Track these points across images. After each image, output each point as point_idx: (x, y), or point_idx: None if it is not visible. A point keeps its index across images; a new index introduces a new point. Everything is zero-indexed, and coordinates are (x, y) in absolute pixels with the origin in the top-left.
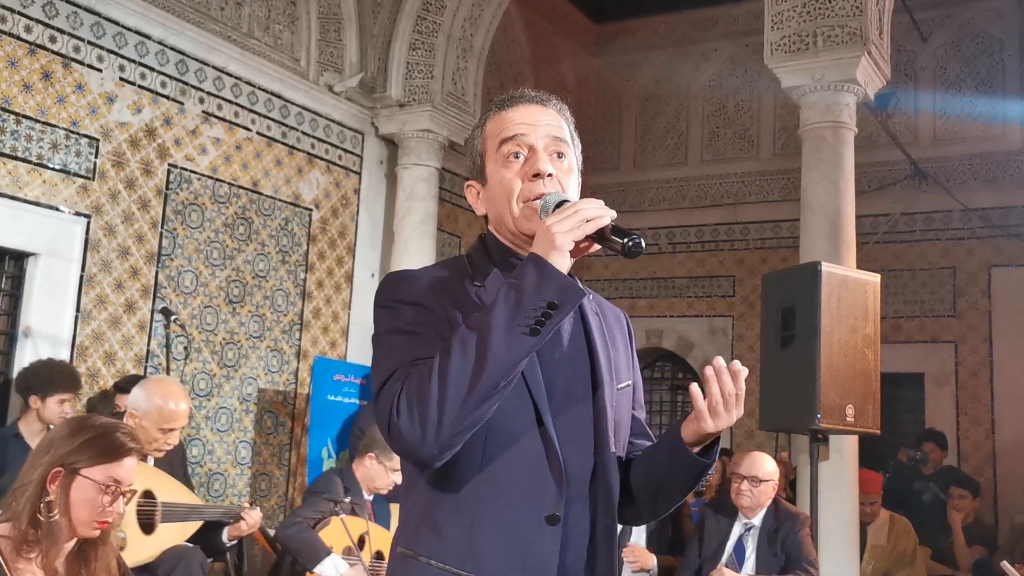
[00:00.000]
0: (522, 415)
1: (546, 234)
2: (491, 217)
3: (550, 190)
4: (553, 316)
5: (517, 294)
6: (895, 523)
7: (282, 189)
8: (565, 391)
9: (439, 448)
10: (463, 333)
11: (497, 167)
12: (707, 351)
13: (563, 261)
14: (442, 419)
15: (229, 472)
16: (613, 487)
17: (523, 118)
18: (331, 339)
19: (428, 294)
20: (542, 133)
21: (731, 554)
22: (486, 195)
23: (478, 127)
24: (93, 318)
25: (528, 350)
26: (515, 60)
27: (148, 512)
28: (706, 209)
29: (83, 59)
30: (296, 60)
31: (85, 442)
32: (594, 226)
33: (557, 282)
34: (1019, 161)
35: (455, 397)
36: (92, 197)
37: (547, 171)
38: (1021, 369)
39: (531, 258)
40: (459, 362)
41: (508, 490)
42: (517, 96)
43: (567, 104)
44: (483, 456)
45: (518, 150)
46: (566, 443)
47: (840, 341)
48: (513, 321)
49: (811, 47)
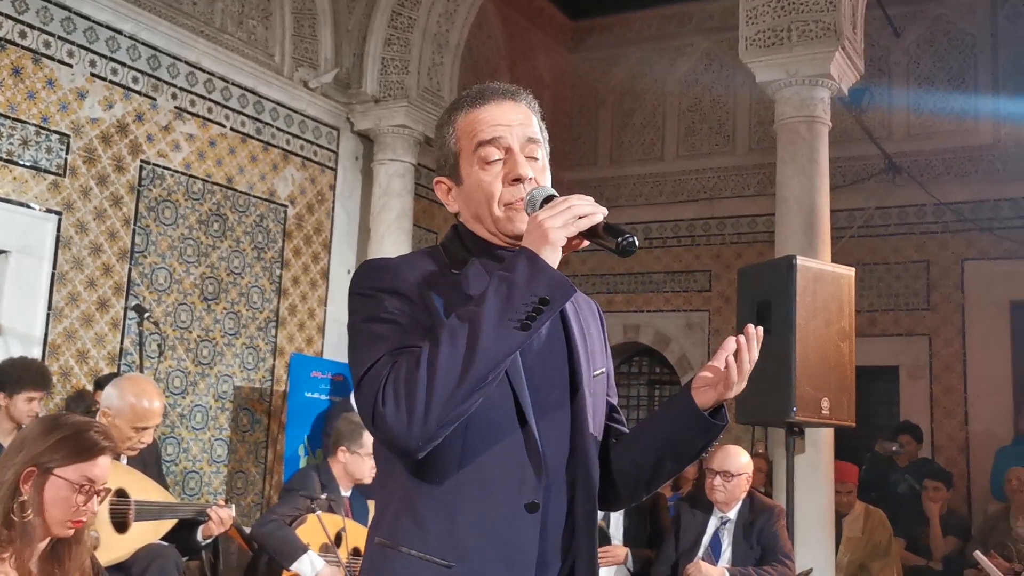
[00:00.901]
0: (502, 403)
1: (538, 228)
2: (466, 215)
3: (535, 187)
4: (544, 311)
5: (508, 288)
6: (870, 515)
7: (257, 185)
8: (544, 379)
9: (424, 439)
10: (453, 324)
11: (474, 169)
12: (684, 346)
13: (555, 256)
14: (429, 410)
15: (205, 470)
16: (592, 472)
17: (498, 118)
18: (307, 336)
19: (406, 282)
20: (517, 134)
21: (707, 548)
22: (460, 194)
23: (447, 124)
24: (65, 316)
25: (518, 344)
26: (491, 56)
27: (121, 511)
28: (682, 204)
29: (53, 55)
30: (270, 55)
31: (58, 441)
32: (587, 223)
33: (549, 277)
34: (991, 156)
35: (443, 389)
36: (63, 194)
37: (527, 176)
38: (993, 361)
39: (523, 252)
40: (448, 353)
41: (488, 478)
42: (487, 92)
43: (543, 100)
44: (463, 445)
45: (495, 153)
46: (545, 431)
47: (815, 334)
48: (504, 315)
49: (785, 42)
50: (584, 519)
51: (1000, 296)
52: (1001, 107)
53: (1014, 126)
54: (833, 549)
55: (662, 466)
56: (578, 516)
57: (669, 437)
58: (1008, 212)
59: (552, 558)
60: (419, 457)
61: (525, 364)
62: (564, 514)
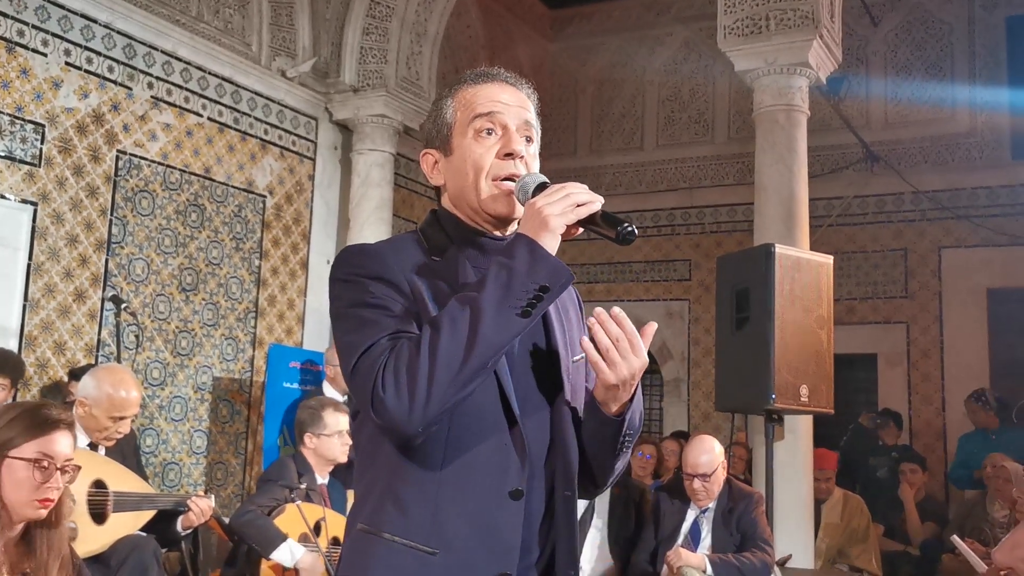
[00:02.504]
0: (486, 390)
1: (537, 215)
2: (450, 189)
3: (521, 171)
4: (544, 298)
5: (509, 275)
6: (848, 501)
7: (235, 175)
8: (523, 365)
9: (424, 425)
10: (453, 310)
11: (467, 140)
12: (664, 335)
13: (554, 244)
14: (431, 396)
15: (184, 462)
16: (572, 459)
17: (498, 96)
18: (287, 326)
19: (390, 268)
20: (515, 115)
21: (687, 536)
22: (448, 166)
23: (447, 96)
24: (42, 307)
25: (518, 331)
26: (470, 45)
27: (99, 502)
28: (662, 193)
29: (27, 43)
30: (247, 45)
31: (11, 421)
32: (586, 211)
33: (549, 265)
34: (968, 144)
35: (445, 375)
36: (39, 184)
37: (520, 152)
38: (970, 348)
39: (522, 239)
40: (449, 340)
41: (472, 465)
42: (492, 73)
43: None
44: (448, 431)
45: (491, 127)
46: (526, 417)
47: (794, 322)
48: (504, 302)
49: (764, 31)
50: (563, 505)
51: (977, 284)
52: (977, 95)
53: (990, 114)
54: (812, 535)
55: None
56: (557, 503)
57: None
58: (985, 200)
59: (533, 544)
60: (416, 443)
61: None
62: (544, 501)
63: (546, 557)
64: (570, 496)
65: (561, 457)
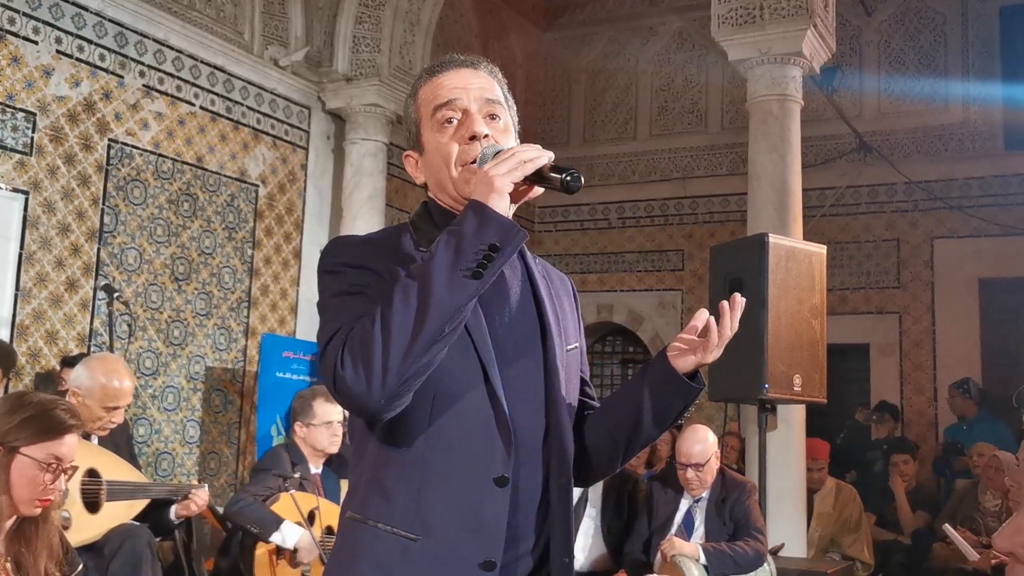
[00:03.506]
0: (469, 375)
1: (484, 179)
2: (431, 184)
3: (485, 146)
4: (495, 259)
5: (457, 239)
6: (841, 491)
7: (227, 165)
8: (514, 352)
9: (386, 398)
10: (404, 283)
11: (432, 133)
12: (657, 325)
13: (503, 204)
14: (387, 367)
15: (177, 451)
16: (567, 446)
17: (455, 82)
18: (280, 316)
19: (374, 257)
20: (474, 96)
21: (680, 525)
22: (424, 163)
23: (411, 96)
24: (33, 297)
25: (472, 294)
26: (463, 34)
27: (93, 491)
28: (655, 183)
29: (18, 31)
30: (240, 33)
31: (24, 420)
32: (532, 167)
33: (498, 223)
34: (960, 135)
35: (399, 344)
36: (30, 173)
37: (482, 132)
38: (963, 338)
39: (470, 204)
40: (402, 309)
41: (455, 452)
42: (447, 61)
43: (516, 80)
44: (430, 417)
45: (452, 115)
46: (516, 404)
47: (787, 312)
48: (455, 265)
49: (757, 20)
50: (558, 494)
51: (969, 274)
52: (971, 86)
53: (983, 105)
54: (805, 525)
55: (639, 433)
56: (552, 491)
57: (647, 402)
58: (977, 191)
59: (524, 533)
60: (385, 418)
61: (494, 337)
62: (539, 490)
63: (542, 545)
64: (565, 485)
65: (556, 446)
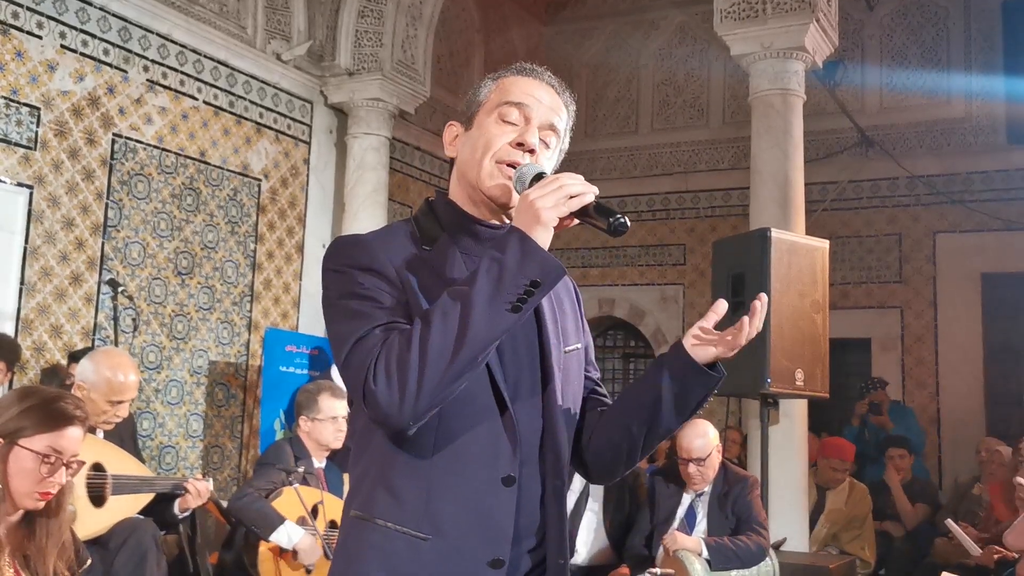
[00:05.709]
0: (477, 377)
1: (529, 208)
2: (459, 161)
3: (527, 163)
4: (535, 293)
5: (500, 269)
6: (854, 488)
7: (230, 159)
8: (513, 354)
9: (415, 418)
10: (444, 304)
11: (488, 119)
12: (659, 319)
13: (546, 237)
14: (421, 390)
15: (181, 445)
16: (562, 448)
17: (535, 92)
18: (283, 310)
19: (380, 259)
20: (543, 113)
21: (682, 520)
22: (465, 139)
23: (492, 79)
24: (38, 291)
25: (508, 326)
26: (465, 28)
27: (98, 485)
28: (657, 178)
29: (22, 26)
30: (243, 28)
31: (25, 411)
32: (578, 203)
33: (541, 260)
34: (963, 129)
35: (435, 369)
36: (34, 167)
37: (532, 145)
38: (965, 333)
39: (515, 233)
40: (440, 334)
41: (464, 452)
42: (540, 72)
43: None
44: (440, 418)
45: (516, 117)
46: (517, 405)
47: (789, 307)
48: (495, 297)
49: (760, 14)
50: (553, 495)
51: (971, 268)
52: (973, 80)
53: (985, 99)
54: (807, 519)
55: (658, 424)
56: (547, 492)
57: (667, 392)
58: (980, 185)
59: (527, 533)
60: (409, 434)
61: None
62: (540, 489)
63: (541, 544)
64: (559, 486)
65: (551, 447)
